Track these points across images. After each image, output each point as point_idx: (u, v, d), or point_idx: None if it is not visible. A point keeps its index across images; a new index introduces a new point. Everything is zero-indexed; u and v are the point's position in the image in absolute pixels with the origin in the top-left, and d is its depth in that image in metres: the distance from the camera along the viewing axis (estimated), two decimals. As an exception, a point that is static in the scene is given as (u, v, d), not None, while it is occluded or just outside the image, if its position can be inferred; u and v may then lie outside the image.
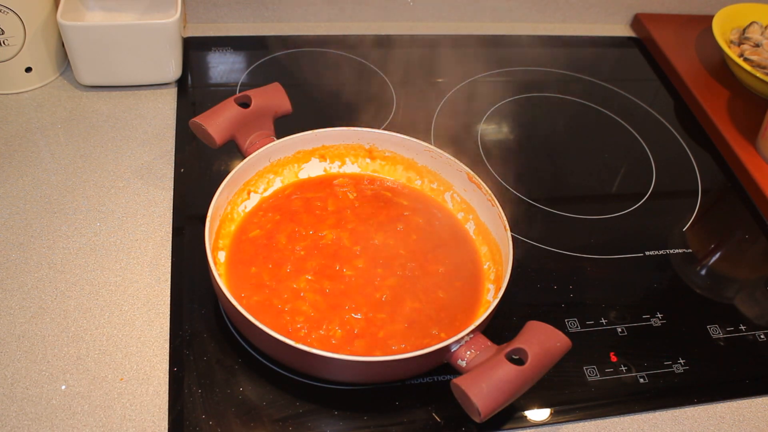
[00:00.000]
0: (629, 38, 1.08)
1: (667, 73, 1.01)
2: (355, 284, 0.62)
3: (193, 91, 0.86)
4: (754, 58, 0.94)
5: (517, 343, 0.54)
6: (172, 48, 0.81)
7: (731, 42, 0.98)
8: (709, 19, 0.98)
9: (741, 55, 0.95)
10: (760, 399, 0.63)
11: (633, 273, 0.72)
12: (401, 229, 0.67)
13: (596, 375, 0.62)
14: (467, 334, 0.55)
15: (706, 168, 0.87)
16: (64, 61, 0.85)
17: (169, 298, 0.63)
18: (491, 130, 0.88)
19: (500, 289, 0.58)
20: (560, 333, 0.55)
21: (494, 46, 1.02)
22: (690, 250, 0.76)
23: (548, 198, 0.79)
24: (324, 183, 0.72)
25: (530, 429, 0.58)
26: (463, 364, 0.55)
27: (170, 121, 0.81)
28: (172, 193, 0.73)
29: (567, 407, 0.60)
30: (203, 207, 0.61)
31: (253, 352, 0.60)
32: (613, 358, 0.64)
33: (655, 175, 0.85)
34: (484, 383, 0.51)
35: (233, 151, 0.71)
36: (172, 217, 0.70)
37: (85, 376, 0.57)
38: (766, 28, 0.99)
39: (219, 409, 0.56)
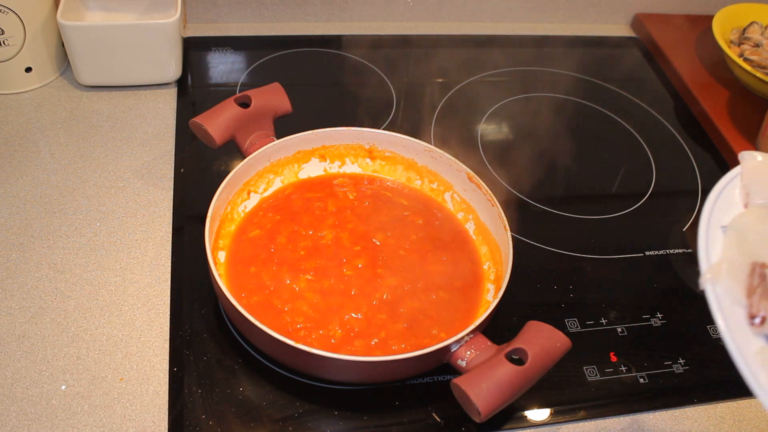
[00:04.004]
0: (629, 38, 1.08)
1: (667, 73, 1.01)
2: (355, 284, 0.62)
3: (193, 91, 0.86)
4: (754, 58, 0.94)
5: (517, 343, 0.54)
6: (172, 48, 0.81)
7: (731, 42, 0.98)
8: (709, 19, 0.98)
9: (741, 55, 0.95)
10: (760, 399, 0.63)
11: (633, 273, 0.72)
12: (401, 229, 0.67)
13: (596, 375, 0.62)
14: (467, 334, 0.55)
15: (706, 168, 0.87)
16: (64, 61, 0.85)
17: (169, 298, 0.63)
18: (491, 130, 0.88)
19: (500, 289, 0.59)
20: (560, 333, 0.55)
21: (494, 46, 1.02)
22: (690, 250, 0.76)
23: (548, 198, 0.79)
24: (324, 183, 0.72)
25: (530, 429, 0.58)
26: (463, 364, 0.55)
27: (170, 121, 0.81)
28: (172, 193, 0.73)
29: (567, 407, 0.60)
30: (203, 207, 0.61)
31: (253, 352, 0.60)
32: (613, 358, 0.64)
33: (655, 175, 0.85)
34: (484, 383, 0.51)
35: (233, 151, 0.71)
36: (172, 217, 0.70)
37: (85, 376, 0.57)
38: (766, 28, 0.99)
39: (219, 409, 0.56)
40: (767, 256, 0.42)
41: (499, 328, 0.63)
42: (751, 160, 0.48)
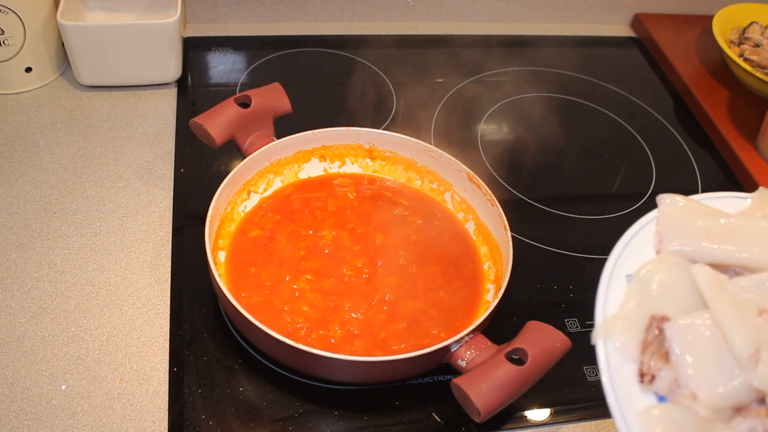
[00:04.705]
0: (629, 38, 1.08)
1: (667, 73, 1.01)
2: (355, 284, 0.62)
3: (193, 91, 0.86)
4: (754, 58, 0.94)
5: (517, 343, 0.54)
6: (172, 48, 0.81)
7: (731, 42, 0.98)
8: (709, 19, 0.98)
9: (741, 55, 0.95)
10: (760, 399, 0.63)
11: (633, 273, 0.72)
12: (401, 229, 0.67)
13: (596, 375, 0.62)
14: (467, 334, 0.55)
15: (706, 168, 0.87)
16: (64, 61, 0.85)
17: (169, 298, 0.63)
18: (491, 130, 0.88)
19: (500, 289, 0.59)
20: (560, 333, 0.55)
21: (494, 46, 1.02)
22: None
23: (548, 198, 0.79)
24: (324, 183, 0.72)
25: (530, 429, 0.58)
26: (463, 364, 0.55)
27: (170, 121, 0.81)
28: (172, 193, 0.73)
29: (567, 407, 0.60)
30: (203, 207, 0.61)
31: (253, 352, 0.60)
32: (613, 358, 0.64)
33: (655, 175, 0.85)
34: (484, 383, 0.51)
35: (233, 151, 0.71)
36: (172, 217, 0.70)
37: (85, 376, 0.57)
38: (766, 28, 0.99)
39: (219, 409, 0.56)
40: (668, 308, 0.39)
41: (499, 328, 0.63)
42: (670, 203, 0.44)
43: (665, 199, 0.44)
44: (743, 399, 0.37)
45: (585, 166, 0.85)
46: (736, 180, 0.86)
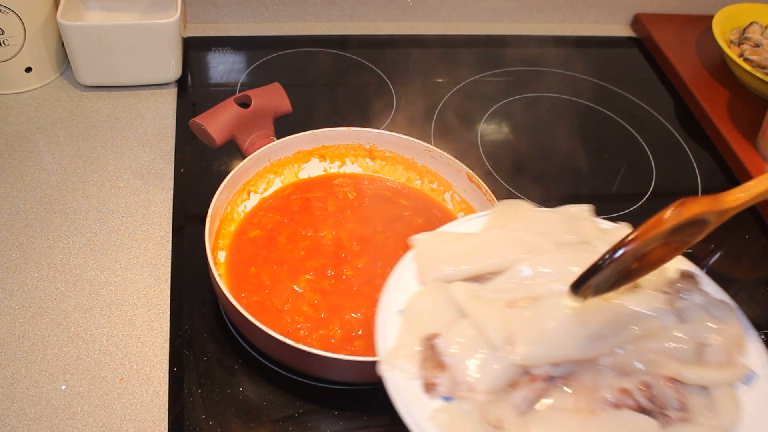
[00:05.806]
0: (629, 38, 1.08)
1: (667, 73, 1.01)
2: (355, 284, 0.62)
3: (193, 91, 0.86)
4: (754, 58, 0.94)
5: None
6: (172, 48, 0.81)
7: (731, 42, 0.98)
8: (709, 19, 0.98)
9: (741, 55, 0.95)
10: (760, 399, 0.63)
11: (633, 273, 0.72)
12: (401, 229, 0.67)
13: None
14: (467, 334, 0.55)
15: (706, 168, 0.87)
16: (64, 61, 0.85)
17: (169, 298, 0.63)
18: (491, 130, 0.88)
19: (500, 289, 0.58)
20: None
21: (494, 46, 1.02)
22: (690, 250, 0.76)
23: (548, 198, 0.79)
24: (324, 183, 0.72)
25: (530, 429, 0.58)
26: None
27: (170, 121, 0.81)
28: (172, 193, 0.73)
29: (567, 407, 0.60)
30: (203, 207, 0.61)
31: (253, 352, 0.60)
32: (613, 358, 0.64)
33: (655, 175, 0.85)
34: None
35: (233, 151, 0.71)
36: (172, 217, 0.70)
37: (85, 376, 0.57)
38: (766, 28, 0.99)
39: (219, 409, 0.56)
40: (437, 326, 0.46)
41: (499, 328, 0.63)
42: (423, 240, 0.52)
43: (417, 239, 0.52)
44: (512, 376, 0.44)
45: (585, 166, 0.85)
46: (736, 180, 0.86)
